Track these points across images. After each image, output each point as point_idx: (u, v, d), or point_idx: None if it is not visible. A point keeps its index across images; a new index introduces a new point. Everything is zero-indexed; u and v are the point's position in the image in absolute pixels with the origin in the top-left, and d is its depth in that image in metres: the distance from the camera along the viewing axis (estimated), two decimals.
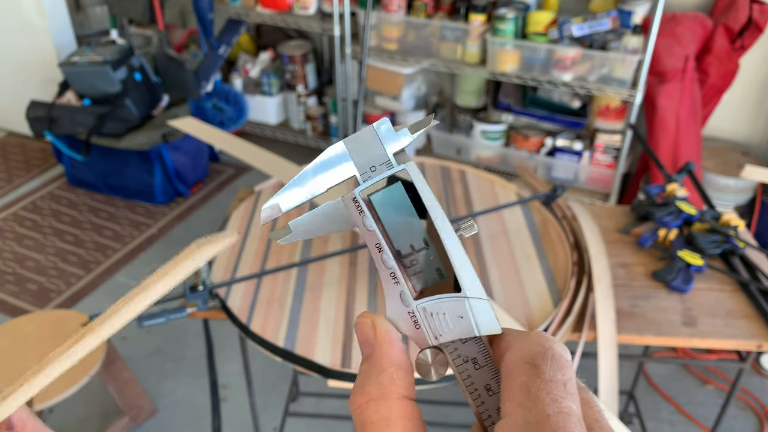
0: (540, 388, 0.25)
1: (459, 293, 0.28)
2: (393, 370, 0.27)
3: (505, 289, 1.15)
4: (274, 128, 3.30)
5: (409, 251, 0.29)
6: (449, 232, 0.28)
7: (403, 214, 0.29)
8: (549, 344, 0.26)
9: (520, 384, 0.25)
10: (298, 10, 2.89)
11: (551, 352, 0.26)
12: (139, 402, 1.87)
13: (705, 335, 1.11)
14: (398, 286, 0.29)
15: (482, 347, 0.29)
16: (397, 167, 0.29)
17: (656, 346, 2.07)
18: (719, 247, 1.27)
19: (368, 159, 0.29)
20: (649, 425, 1.86)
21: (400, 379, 0.27)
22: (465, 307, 0.28)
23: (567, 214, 1.34)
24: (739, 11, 2.23)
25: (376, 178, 0.29)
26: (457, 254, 0.28)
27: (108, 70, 2.59)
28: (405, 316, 0.29)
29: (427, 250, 0.29)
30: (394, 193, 0.29)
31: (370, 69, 2.74)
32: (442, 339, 0.29)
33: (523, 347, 0.27)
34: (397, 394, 0.27)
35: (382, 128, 0.29)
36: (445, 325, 0.28)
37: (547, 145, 2.68)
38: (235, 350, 2.08)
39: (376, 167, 0.29)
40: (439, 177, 1.50)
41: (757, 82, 2.47)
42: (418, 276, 0.29)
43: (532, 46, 2.41)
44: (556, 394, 0.24)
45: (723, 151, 2.52)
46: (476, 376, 0.28)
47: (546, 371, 0.25)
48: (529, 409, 0.24)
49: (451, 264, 0.28)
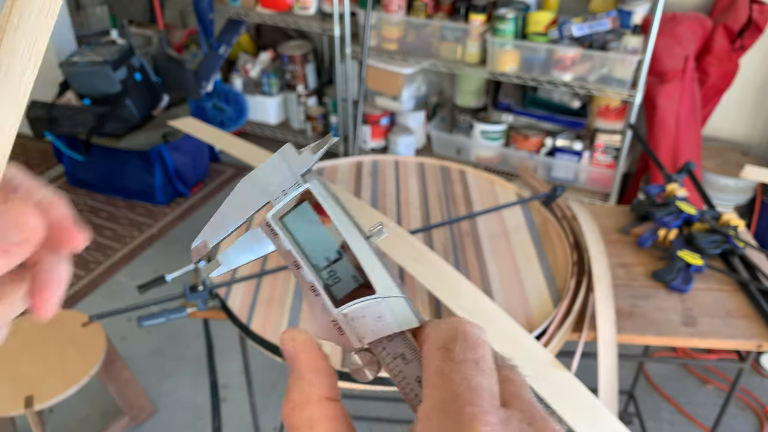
0: (452, 369, 0.26)
1: (375, 295, 0.30)
2: (311, 375, 0.29)
3: (505, 289, 1.15)
4: (274, 128, 3.31)
5: (325, 264, 0.31)
6: (357, 240, 0.30)
7: (315, 230, 0.31)
8: (461, 327, 0.28)
9: (435, 368, 0.26)
10: (298, 10, 2.89)
11: (462, 334, 0.27)
12: (139, 402, 1.87)
13: (705, 335, 1.11)
14: (319, 298, 0.31)
15: (407, 342, 0.30)
16: (300, 188, 0.31)
17: (656, 346, 2.07)
18: (719, 247, 1.27)
19: (279, 184, 0.31)
20: (648, 425, 1.86)
21: (320, 383, 0.29)
22: (381, 307, 0.30)
23: (567, 214, 1.35)
24: (739, 11, 2.23)
25: (285, 200, 0.31)
26: (366, 259, 0.30)
27: (108, 70, 2.59)
28: (329, 325, 0.31)
29: (341, 260, 0.31)
30: (304, 212, 0.31)
31: (370, 69, 2.75)
32: (366, 340, 0.30)
33: (437, 334, 0.28)
34: (317, 396, 0.28)
35: (286, 153, 0.31)
36: (366, 328, 0.30)
37: (547, 145, 2.69)
38: (235, 350, 2.08)
39: (286, 190, 0.31)
40: (439, 177, 1.50)
41: (756, 82, 2.47)
42: (336, 285, 0.31)
43: (532, 46, 2.41)
44: (466, 372, 0.26)
45: (723, 151, 2.52)
46: (407, 371, 0.30)
47: (457, 353, 0.26)
48: (441, 390, 0.25)
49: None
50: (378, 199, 1.41)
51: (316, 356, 0.30)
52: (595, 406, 0.93)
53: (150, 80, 2.79)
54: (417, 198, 1.42)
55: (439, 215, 1.36)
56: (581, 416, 0.92)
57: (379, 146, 2.98)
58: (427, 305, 1.11)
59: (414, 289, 1.14)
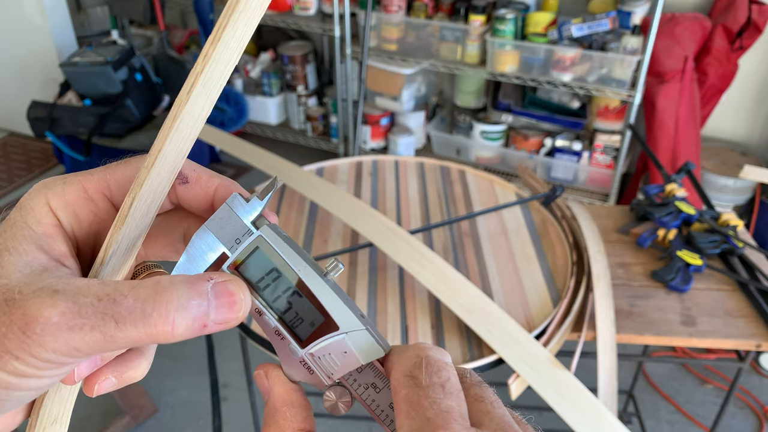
0: (419, 395, 0.27)
1: (338, 331, 0.31)
2: (285, 409, 0.31)
3: (505, 289, 1.16)
4: (275, 128, 3.31)
5: (286, 306, 0.31)
6: (314, 279, 0.31)
7: (272, 275, 0.31)
8: (424, 353, 0.28)
9: (403, 396, 0.27)
10: (299, 10, 2.90)
11: (425, 360, 0.28)
12: (139, 401, 1.87)
13: (704, 335, 1.12)
14: (285, 341, 0.32)
15: (376, 372, 0.31)
16: (253, 236, 0.31)
17: (655, 346, 2.08)
18: (718, 247, 1.28)
19: (231, 234, 0.31)
20: (648, 424, 1.86)
21: (294, 415, 0.30)
22: (345, 342, 0.31)
23: (566, 214, 1.35)
24: (738, 12, 2.23)
25: (240, 249, 0.31)
26: (325, 297, 0.31)
27: (109, 70, 2.60)
28: (298, 366, 0.32)
29: (301, 299, 0.31)
30: (260, 258, 0.31)
31: (370, 69, 2.75)
32: (335, 376, 0.31)
33: (401, 362, 0.29)
34: (292, 428, 0.30)
35: (234, 203, 0.31)
36: (333, 364, 0.31)
37: (547, 145, 2.69)
38: (235, 350, 2.08)
39: (239, 239, 0.31)
40: (439, 177, 1.51)
41: (756, 82, 2.47)
42: (300, 326, 0.31)
43: (532, 47, 2.42)
44: (434, 397, 0.26)
45: (722, 152, 2.53)
46: (379, 399, 0.31)
47: (422, 379, 0.27)
48: (413, 418, 0.26)
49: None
50: (378, 199, 1.41)
51: (290, 389, 0.31)
52: (595, 406, 0.94)
53: (151, 80, 2.79)
54: (417, 198, 1.42)
55: (438, 215, 1.36)
56: (581, 416, 0.92)
57: (379, 146, 2.98)
58: (427, 305, 1.11)
59: (414, 289, 1.14)
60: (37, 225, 0.29)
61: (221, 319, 0.28)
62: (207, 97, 0.29)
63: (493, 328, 1.01)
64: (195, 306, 0.27)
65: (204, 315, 0.27)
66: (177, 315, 0.26)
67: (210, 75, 0.29)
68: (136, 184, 0.30)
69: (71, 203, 0.30)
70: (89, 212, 0.31)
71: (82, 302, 0.25)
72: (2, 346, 0.25)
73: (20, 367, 0.25)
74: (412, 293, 1.13)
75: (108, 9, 3.13)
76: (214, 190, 0.32)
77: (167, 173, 0.30)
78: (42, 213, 0.29)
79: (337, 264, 0.31)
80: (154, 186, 0.30)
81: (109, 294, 0.26)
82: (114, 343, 0.26)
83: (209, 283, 0.28)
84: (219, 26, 0.28)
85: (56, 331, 0.25)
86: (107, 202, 0.32)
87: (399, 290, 1.14)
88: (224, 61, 0.29)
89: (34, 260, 0.28)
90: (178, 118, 0.29)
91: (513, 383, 0.96)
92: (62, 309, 0.25)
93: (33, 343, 0.25)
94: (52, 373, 0.26)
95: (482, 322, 1.02)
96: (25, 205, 0.29)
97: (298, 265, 0.31)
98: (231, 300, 0.28)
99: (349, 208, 1.23)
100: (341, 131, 3.09)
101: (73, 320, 0.25)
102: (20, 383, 0.26)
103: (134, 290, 0.26)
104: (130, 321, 0.26)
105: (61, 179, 0.31)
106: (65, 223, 0.30)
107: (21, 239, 0.28)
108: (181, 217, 0.35)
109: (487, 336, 1.00)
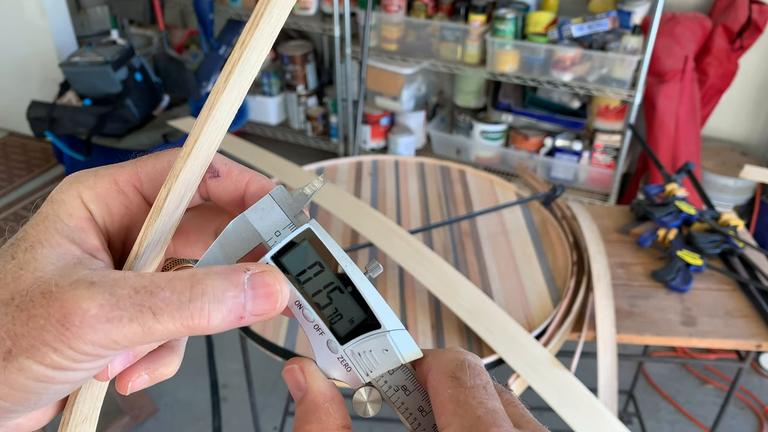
0: (466, 395, 0.27)
1: (379, 329, 0.31)
2: (328, 405, 0.30)
3: (505, 289, 1.15)
4: (275, 128, 3.31)
5: (327, 301, 0.31)
6: (359, 276, 0.31)
7: (314, 268, 0.31)
8: (463, 356, 0.29)
9: (448, 396, 0.27)
10: (298, 10, 2.89)
11: (466, 362, 0.29)
12: (139, 401, 1.87)
13: (704, 335, 1.12)
14: (324, 336, 0.31)
15: (408, 374, 0.31)
16: (300, 228, 0.31)
17: (655, 346, 2.08)
18: (718, 247, 1.28)
19: (271, 225, 0.31)
20: (648, 425, 1.86)
21: (336, 411, 0.30)
22: (387, 340, 0.31)
23: (566, 214, 1.35)
24: (739, 11, 2.23)
25: (282, 242, 0.31)
26: (369, 294, 0.31)
27: (109, 70, 2.59)
28: (335, 362, 0.31)
29: (343, 295, 0.31)
30: (303, 251, 0.31)
31: (370, 69, 2.75)
32: (373, 374, 0.31)
33: (442, 364, 0.29)
34: (335, 425, 0.29)
35: (279, 195, 0.31)
36: (373, 361, 0.31)
37: (547, 145, 2.69)
38: (235, 350, 2.08)
39: (280, 231, 0.31)
40: (439, 177, 1.50)
41: (756, 82, 2.47)
42: (339, 322, 0.31)
43: (532, 47, 2.42)
44: (480, 397, 0.27)
45: (722, 151, 2.53)
46: (409, 402, 0.31)
47: (467, 380, 0.28)
48: (462, 416, 0.26)
49: (366, 304, 0.31)
50: (378, 199, 1.41)
51: (330, 385, 0.31)
52: (595, 406, 0.93)
53: (150, 80, 2.79)
54: (417, 198, 1.42)
55: (438, 215, 1.36)
56: (581, 416, 0.92)
57: (379, 146, 2.98)
58: (427, 305, 1.11)
59: (414, 289, 1.14)
60: (69, 218, 0.29)
61: (258, 311, 0.28)
62: (240, 87, 0.29)
63: (493, 328, 1.01)
64: (230, 298, 0.27)
65: (240, 307, 0.27)
66: (212, 307, 0.26)
67: (246, 63, 0.29)
68: (171, 174, 0.29)
69: (103, 196, 0.30)
70: (121, 205, 0.31)
71: (119, 294, 0.25)
72: (41, 338, 0.25)
73: (58, 359, 0.25)
74: (412, 293, 1.13)
75: (108, 9, 3.13)
76: (245, 184, 0.32)
77: (201, 164, 0.30)
78: (74, 206, 0.29)
79: (378, 264, 0.32)
80: (189, 177, 0.30)
81: (146, 286, 0.26)
82: (152, 335, 0.26)
83: (246, 275, 0.28)
84: (257, 13, 0.28)
85: (95, 323, 0.25)
86: (138, 195, 0.31)
87: (399, 290, 1.14)
88: (258, 50, 0.29)
89: (68, 253, 0.28)
90: (215, 106, 0.29)
91: (513, 383, 0.96)
92: (100, 301, 0.25)
93: (72, 336, 0.25)
94: (89, 365, 0.26)
95: (482, 322, 1.02)
96: (56, 198, 0.29)
97: (344, 261, 0.31)
98: (268, 291, 0.28)
99: (349, 208, 1.23)
100: (341, 131, 3.09)
101: (111, 312, 0.25)
102: (57, 376, 0.26)
103: (171, 282, 0.26)
104: (167, 312, 0.26)
105: (92, 172, 0.30)
106: (97, 216, 0.30)
107: (53, 232, 0.28)
108: (216, 213, 0.34)
109: (487, 336, 1.00)
